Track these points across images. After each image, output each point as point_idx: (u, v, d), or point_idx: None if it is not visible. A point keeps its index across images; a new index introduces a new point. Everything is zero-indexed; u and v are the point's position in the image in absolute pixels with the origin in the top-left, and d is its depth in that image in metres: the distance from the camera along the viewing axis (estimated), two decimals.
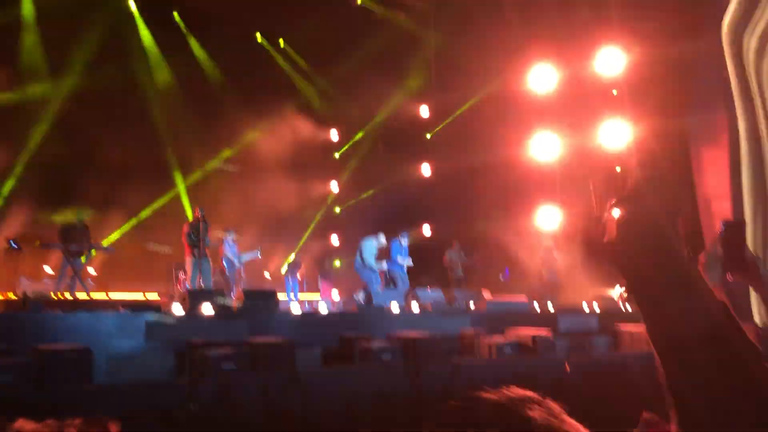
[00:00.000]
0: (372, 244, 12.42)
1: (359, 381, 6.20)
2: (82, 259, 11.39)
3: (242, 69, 16.55)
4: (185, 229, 11.04)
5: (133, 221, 15.13)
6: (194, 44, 16.54)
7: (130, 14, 15.60)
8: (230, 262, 12.14)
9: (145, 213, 15.40)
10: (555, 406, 1.15)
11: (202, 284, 10.89)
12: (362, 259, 12.23)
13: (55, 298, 9.76)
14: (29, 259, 11.89)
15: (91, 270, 12.87)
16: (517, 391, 1.17)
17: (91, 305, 7.81)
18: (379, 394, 6.02)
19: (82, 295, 10.78)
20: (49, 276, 12.71)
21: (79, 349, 5.70)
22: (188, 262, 10.99)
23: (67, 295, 10.38)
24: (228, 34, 16.19)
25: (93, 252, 11.65)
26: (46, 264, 12.97)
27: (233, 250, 12.23)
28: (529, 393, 1.17)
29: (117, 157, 13.73)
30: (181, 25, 16.40)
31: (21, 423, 1.50)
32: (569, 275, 13.36)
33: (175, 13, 16.32)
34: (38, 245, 11.28)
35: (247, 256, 12.62)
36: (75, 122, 13.77)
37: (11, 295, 9.94)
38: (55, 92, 13.91)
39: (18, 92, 13.52)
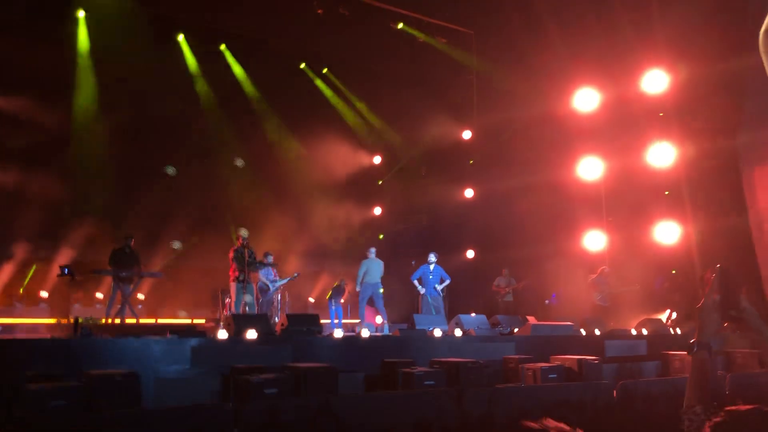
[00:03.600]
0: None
1: (402, 407, 6.15)
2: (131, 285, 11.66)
3: (285, 95, 16.86)
4: (231, 254, 11.20)
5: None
6: (239, 71, 16.93)
7: (179, 46, 16.06)
8: (265, 287, 12.19)
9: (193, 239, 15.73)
10: None
11: (246, 309, 11.02)
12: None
13: (106, 324, 10.00)
14: (81, 286, 12.22)
15: (140, 295, 13.19)
16: (552, 423, 1.17)
17: (140, 330, 7.97)
18: (422, 420, 5.96)
19: (131, 320, 11.04)
20: (100, 302, 13.07)
21: (128, 373, 5.83)
22: (232, 287, 11.13)
23: (117, 321, 10.63)
24: (271, 61, 16.54)
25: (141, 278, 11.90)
26: (97, 290, 13.35)
27: (269, 274, 12.31)
28: (562, 425, 1.17)
29: (164, 183, 14.11)
30: (228, 55, 16.83)
31: None
32: (620, 300, 13.11)
33: (223, 46, 16.79)
34: (90, 272, 11.60)
35: (283, 281, 12.68)
36: (123, 152, 14.18)
37: (64, 321, 10.21)
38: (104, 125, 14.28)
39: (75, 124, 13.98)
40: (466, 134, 17.88)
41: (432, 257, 13.19)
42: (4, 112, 13.00)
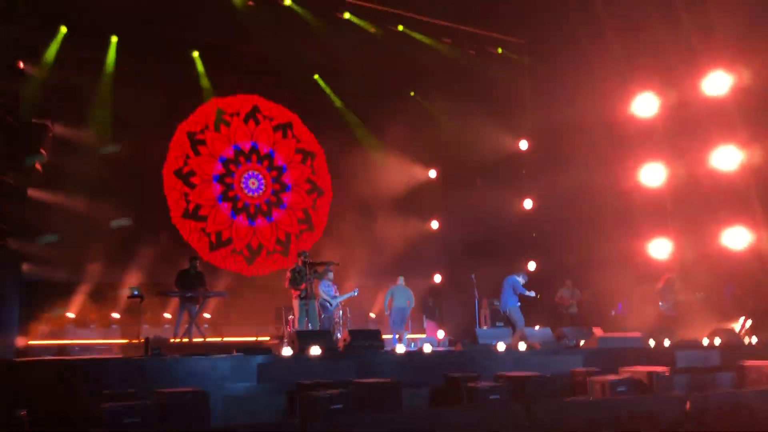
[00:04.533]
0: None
1: (468, 422, 6.10)
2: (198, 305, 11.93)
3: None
4: (288, 275, 11.29)
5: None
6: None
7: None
8: (326, 303, 12.26)
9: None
10: None
11: (309, 326, 11.11)
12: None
13: (174, 343, 10.27)
14: (151, 306, 12.59)
15: (206, 315, 13.49)
16: None
17: (207, 349, 8.17)
18: None
19: (198, 339, 11.30)
20: (169, 321, 13.42)
21: (196, 391, 5.98)
22: (295, 305, 11.24)
23: (185, 340, 10.90)
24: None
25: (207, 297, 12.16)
26: (165, 311, 13.73)
27: (330, 291, 12.38)
28: None
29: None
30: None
31: None
32: (688, 309, 12.71)
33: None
34: (158, 293, 11.94)
35: (343, 297, 12.77)
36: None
37: (135, 341, 10.54)
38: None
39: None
40: (523, 144, 17.74)
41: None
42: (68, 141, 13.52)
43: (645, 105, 14.58)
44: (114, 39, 14.51)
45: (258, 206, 16.36)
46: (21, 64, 12.62)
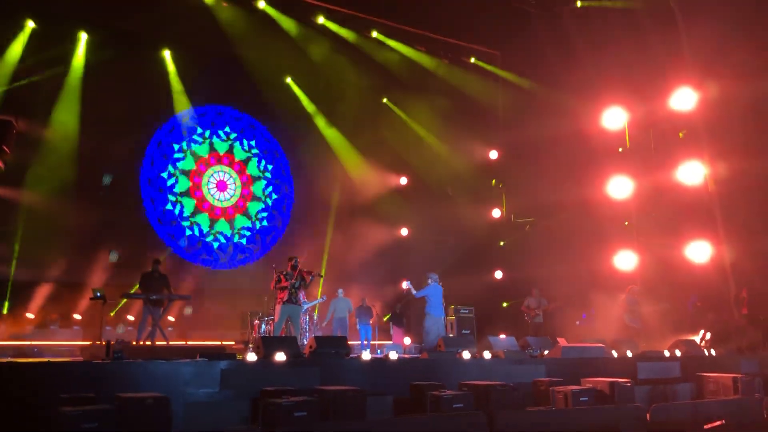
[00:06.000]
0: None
1: (431, 431, 6.12)
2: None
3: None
4: (274, 276, 11.14)
5: None
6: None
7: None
8: None
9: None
10: None
11: (293, 332, 10.99)
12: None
13: (137, 346, 10.11)
14: (112, 309, 12.40)
15: (170, 318, 13.31)
16: None
17: (170, 353, 8.04)
18: None
19: (161, 343, 11.14)
20: (132, 324, 13.22)
21: (159, 398, 5.88)
22: (277, 310, 11.02)
23: (148, 343, 10.74)
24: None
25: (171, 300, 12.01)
26: (129, 313, 13.53)
27: (299, 297, 12.32)
28: None
29: None
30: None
31: None
32: (649, 320, 12.91)
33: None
34: (120, 296, 11.76)
35: (310, 303, 12.72)
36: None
37: (97, 343, 10.35)
38: None
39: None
40: (493, 154, 17.88)
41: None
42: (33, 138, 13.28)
43: (613, 119, 14.82)
44: (82, 35, 14.28)
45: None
46: None
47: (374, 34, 16.26)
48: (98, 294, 10.62)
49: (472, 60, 17.46)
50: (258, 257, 16.40)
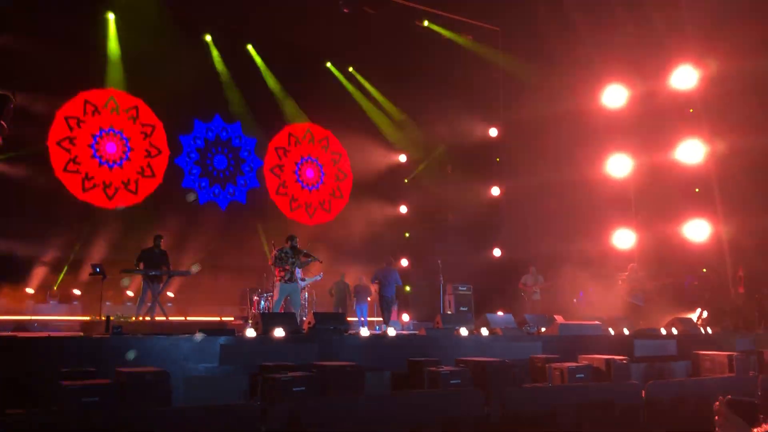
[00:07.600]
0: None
1: (428, 407, 6.17)
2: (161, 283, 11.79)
3: (311, 94, 16.95)
4: (274, 253, 11.11)
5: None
6: (266, 73, 16.97)
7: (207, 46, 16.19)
8: None
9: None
10: None
11: (292, 309, 10.98)
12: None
13: (136, 322, 10.16)
14: (112, 284, 12.42)
15: (169, 293, 13.35)
16: None
17: (169, 329, 8.08)
18: (448, 419, 5.97)
19: (161, 318, 11.19)
20: (131, 300, 13.27)
21: (158, 372, 5.92)
22: (277, 287, 11.02)
23: (147, 319, 10.78)
24: (299, 61, 16.62)
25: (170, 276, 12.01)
26: (128, 289, 13.56)
27: (296, 274, 12.34)
28: None
29: None
30: (254, 55, 16.91)
31: None
32: (651, 298, 12.94)
33: (249, 46, 16.86)
34: (120, 271, 11.77)
35: (309, 280, 12.75)
36: None
37: (96, 318, 10.40)
38: None
39: None
40: (493, 132, 17.81)
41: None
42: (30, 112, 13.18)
43: (614, 96, 14.76)
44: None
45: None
46: None
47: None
48: (97, 269, 10.64)
49: (471, 37, 17.23)
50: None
